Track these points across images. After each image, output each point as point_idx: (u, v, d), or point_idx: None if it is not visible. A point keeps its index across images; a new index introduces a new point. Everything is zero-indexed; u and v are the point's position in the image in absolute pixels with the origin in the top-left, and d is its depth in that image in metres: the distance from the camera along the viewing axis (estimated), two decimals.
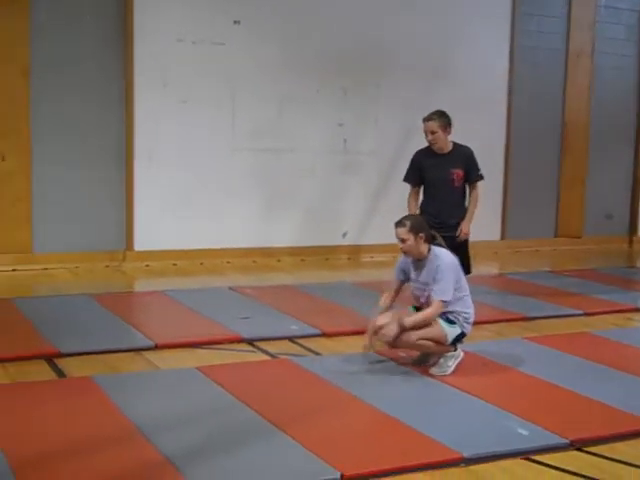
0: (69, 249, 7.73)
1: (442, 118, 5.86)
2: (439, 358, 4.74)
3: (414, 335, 4.59)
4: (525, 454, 3.66)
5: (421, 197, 6.07)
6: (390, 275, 5.59)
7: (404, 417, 3.99)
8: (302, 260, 8.62)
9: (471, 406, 4.26)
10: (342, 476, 3.35)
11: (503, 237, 9.90)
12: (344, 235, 9.01)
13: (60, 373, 4.63)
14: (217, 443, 3.65)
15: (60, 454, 3.48)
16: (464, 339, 4.80)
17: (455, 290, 4.64)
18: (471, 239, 6.08)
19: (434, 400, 4.39)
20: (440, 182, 5.90)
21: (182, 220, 8.15)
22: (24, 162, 7.49)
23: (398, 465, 3.49)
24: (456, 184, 5.92)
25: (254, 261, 8.39)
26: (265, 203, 8.57)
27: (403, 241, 4.70)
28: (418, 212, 5.83)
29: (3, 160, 7.39)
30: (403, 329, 4.58)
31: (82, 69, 7.66)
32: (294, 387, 4.50)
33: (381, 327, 4.67)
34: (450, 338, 4.69)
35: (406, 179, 6.14)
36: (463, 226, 5.90)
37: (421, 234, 4.68)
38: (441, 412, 4.19)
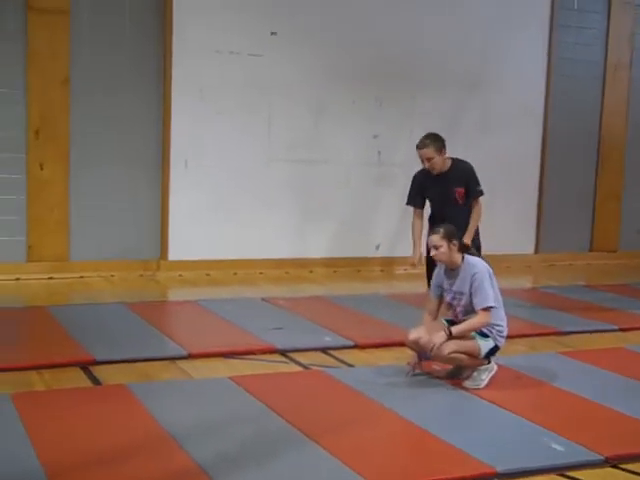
0: (105, 257, 7.81)
1: (436, 142, 5.71)
2: (472, 371, 4.71)
3: (447, 348, 4.57)
4: (560, 470, 3.62)
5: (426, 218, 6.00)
6: (424, 287, 5.59)
7: (437, 430, 3.97)
8: (334, 271, 8.62)
9: (505, 420, 4.23)
10: None
11: (537, 251, 9.82)
12: (377, 247, 9.01)
13: (95, 380, 4.67)
14: (249, 452, 3.65)
15: (94, 461, 3.50)
16: (497, 353, 4.76)
17: None
18: (505, 252, 6.06)
19: (467, 413, 4.37)
20: (443, 201, 5.83)
21: (216, 230, 8.20)
22: (62, 171, 7.58)
23: (430, 478, 3.47)
24: (460, 202, 5.84)
25: (287, 272, 8.41)
26: (299, 214, 8.60)
27: (437, 248, 4.68)
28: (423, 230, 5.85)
29: (42, 169, 7.49)
30: (449, 337, 4.56)
31: (120, 79, 7.76)
32: (326, 398, 4.49)
33: (415, 341, 4.66)
34: (483, 351, 4.66)
35: (408, 202, 6.05)
36: (465, 239, 5.79)
37: (454, 242, 4.67)
38: (474, 426, 4.17)
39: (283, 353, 5.36)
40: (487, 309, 4.58)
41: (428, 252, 5.38)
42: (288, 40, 8.33)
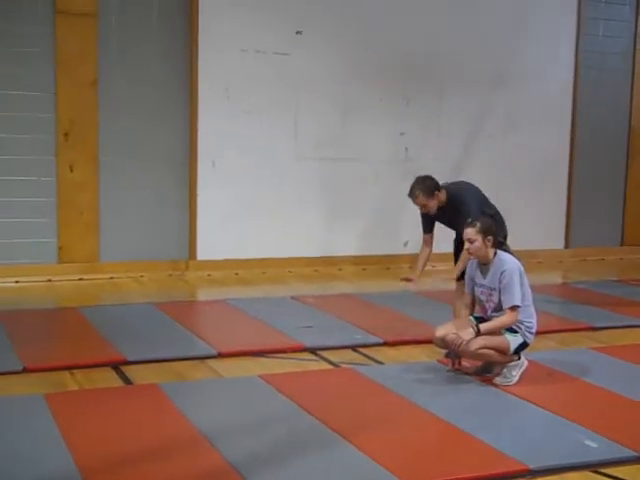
0: (134, 258, 7.86)
1: (425, 190, 5.46)
2: (503, 368, 4.68)
3: (475, 344, 4.54)
4: (593, 467, 3.59)
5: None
6: (453, 284, 5.56)
7: (468, 427, 3.95)
8: (363, 269, 8.61)
9: (537, 416, 4.20)
10: None
11: (567, 246, 9.74)
12: (405, 244, 8.97)
13: (126, 380, 4.70)
14: (281, 451, 3.66)
15: (127, 459, 3.53)
16: (526, 349, 4.73)
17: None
18: (535, 247, 6.01)
19: (498, 410, 4.34)
20: (456, 227, 5.61)
21: (244, 229, 8.23)
22: (92, 173, 7.64)
23: (462, 476, 3.45)
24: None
25: (316, 270, 8.41)
26: (327, 212, 8.60)
27: (471, 241, 4.66)
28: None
29: (71, 171, 7.55)
30: (477, 334, 4.53)
31: (148, 79, 7.80)
32: (357, 396, 4.48)
33: (442, 338, 4.64)
34: (512, 347, 4.63)
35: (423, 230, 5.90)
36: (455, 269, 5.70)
37: (489, 237, 4.64)
38: (506, 422, 4.14)
39: (313, 351, 5.36)
40: (514, 308, 4.55)
41: (459, 241, 5.41)
42: (314, 38, 8.32)
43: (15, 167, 7.39)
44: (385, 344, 5.56)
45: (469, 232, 4.67)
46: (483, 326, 4.56)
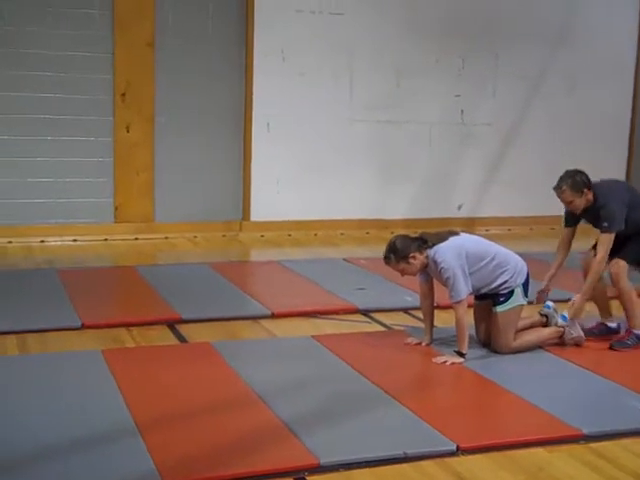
0: (188, 219, 7.94)
1: (574, 187, 4.64)
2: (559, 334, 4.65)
3: (515, 344, 4.52)
4: None
5: None
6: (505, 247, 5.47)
7: (522, 392, 3.94)
8: (416, 232, 8.54)
9: (592, 383, 4.16)
10: (458, 448, 3.34)
11: None
12: (459, 207, 8.91)
13: (181, 338, 4.78)
14: (333, 410, 3.69)
15: (182, 414, 3.60)
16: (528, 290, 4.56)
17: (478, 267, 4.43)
18: None
19: (553, 376, 4.30)
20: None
21: (297, 191, 8.24)
22: (147, 134, 7.71)
23: (515, 439, 3.45)
24: None
25: (367, 232, 8.40)
26: (380, 175, 8.56)
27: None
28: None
29: (128, 132, 7.63)
30: (462, 355, 4.39)
31: (203, 40, 7.80)
32: (409, 358, 4.49)
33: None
34: (513, 305, 4.48)
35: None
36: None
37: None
38: (560, 388, 4.11)
39: (365, 313, 5.38)
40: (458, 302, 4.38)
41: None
42: None
43: (73, 127, 7.49)
44: (437, 307, 5.53)
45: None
46: (459, 345, 4.38)
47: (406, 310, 5.45)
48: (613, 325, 4.84)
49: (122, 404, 3.65)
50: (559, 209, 4.93)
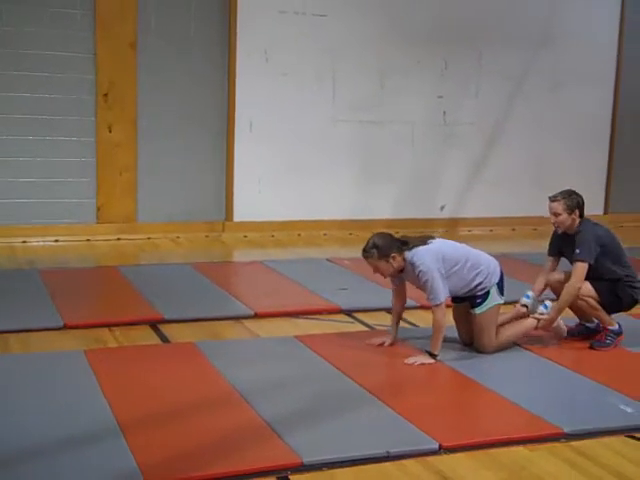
0: (171, 219, 7.93)
1: (568, 204, 4.67)
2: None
3: (497, 341, 4.57)
4: (628, 431, 3.59)
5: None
6: (488, 248, 5.50)
7: (503, 391, 3.96)
8: (397, 232, 8.56)
9: (573, 381, 4.19)
10: (440, 446, 3.36)
11: (606, 211, 9.63)
12: (442, 208, 8.94)
13: (164, 338, 4.77)
14: (316, 410, 3.70)
15: (164, 414, 3.60)
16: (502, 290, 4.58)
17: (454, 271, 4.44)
18: None
19: (534, 374, 4.34)
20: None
21: (280, 191, 8.24)
22: (130, 133, 7.69)
23: (497, 437, 3.47)
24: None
25: (350, 233, 8.41)
26: (363, 175, 8.58)
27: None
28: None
29: (110, 132, 7.61)
30: (433, 356, 4.39)
31: (186, 41, 7.79)
32: (392, 358, 4.50)
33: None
34: (490, 304, 4.49)
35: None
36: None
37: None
38: (541, 387, 4.14)
39: (348, 313, 5.39)
40: (437, 305, 4.39)
41: None
42: (352, 0, 8.25)
43: (55, 127, 7.46)
44: (420, 307, 5.55)
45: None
46: (432, 346, 4.38)
47: (389, 310, 5.44)
48: (592, 325, 4.88)
49: (104, 404, 3.64)
50: (542, 210, 4.96)
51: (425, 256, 4.37)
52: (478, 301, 4.51)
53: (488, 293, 4.49)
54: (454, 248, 4.55)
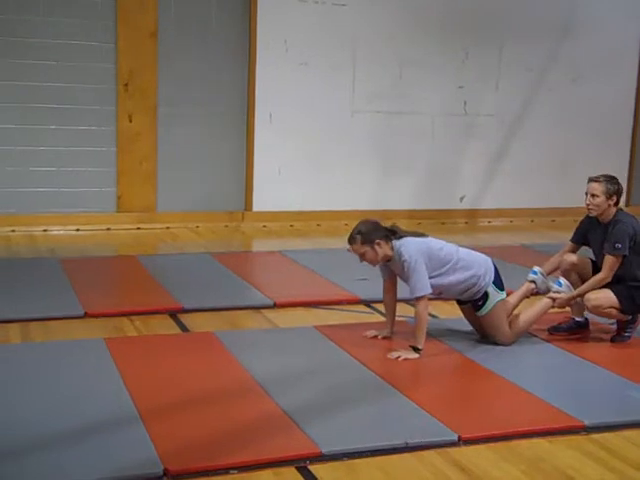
0: (191, 209, 7.95)
1: (609, 187, 4.55)
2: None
3: (513, 331, 4.56)
4: None
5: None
6: (508, 240, 5.47)
7: (523, 383, 3.95)
8: (418, 223, 8.54)
9: (595, 375, 4.17)
10: (459, 438, 3.35)
11: (628, 203, 9.54)
12: (462, 199, 8.91)
13: (183, 327, 4.79)
14: (334, 400, 3.70)
15: (184, 403, 3.61)
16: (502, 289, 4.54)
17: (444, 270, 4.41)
18: None
19: (554, 367, 4.32)
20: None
21: (300, 181, 8.24)
22: (150, 123, 7.71)
23: (516, 429, 3.46)
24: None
25: None
26: (383, 166, 8.56)
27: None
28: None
29: (130, 122, 7.63)
30: (417, 350, 4.33)
31: (206, 30, 7.79)
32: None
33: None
34: (492, 303, 4.46)
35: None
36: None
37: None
38: (562, 379, 4.13)
39: (367, 304, 5.38)
40: (420, 298, 4.36)
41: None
42: None
43: (76, 117, 7.49)
44: (439, 298, 5.54)
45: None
46: (415, 340, 4.32)
47: (408, 301, 5.43)
48: (581, 320, 4.80)
49: (125, 392, 3.66)
50: (561, 201, 4.92)
51: (411, 246, 4.34)
52: (479, 303, 4.50)
53: (487, 294, 4.46)
54: (443, 247, 4.48)
